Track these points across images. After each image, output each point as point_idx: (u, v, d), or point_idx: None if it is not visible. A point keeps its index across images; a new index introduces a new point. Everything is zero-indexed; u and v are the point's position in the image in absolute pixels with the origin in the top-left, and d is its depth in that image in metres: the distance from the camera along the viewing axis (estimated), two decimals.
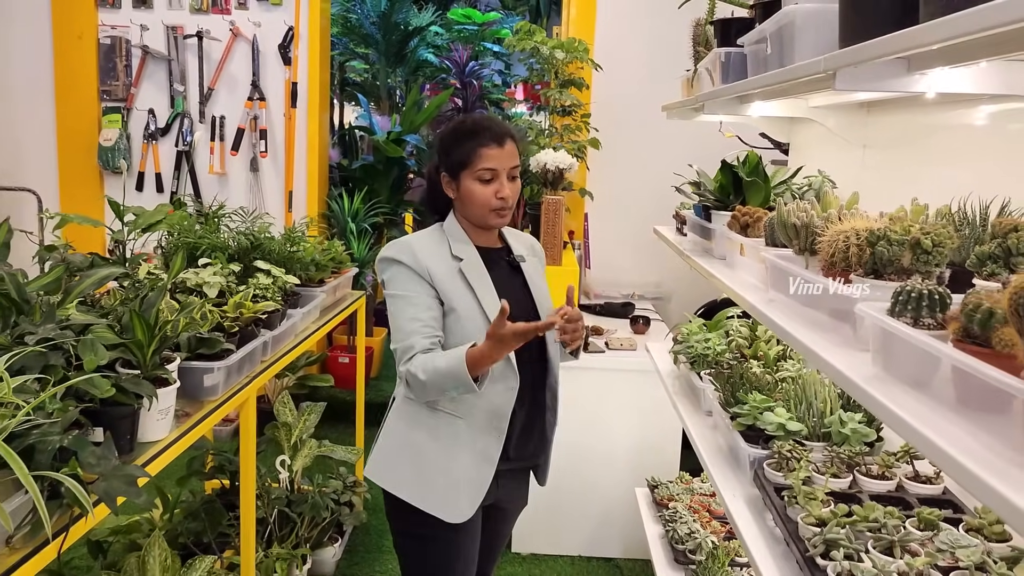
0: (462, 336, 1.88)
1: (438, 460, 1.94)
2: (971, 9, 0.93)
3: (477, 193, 1.91)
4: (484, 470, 1.94)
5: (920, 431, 0.91)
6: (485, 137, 1.89)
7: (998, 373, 0.79)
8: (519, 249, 2.08)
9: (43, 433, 1.32)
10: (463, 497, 1.92)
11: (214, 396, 2.09)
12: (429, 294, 1.90)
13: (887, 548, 1.35)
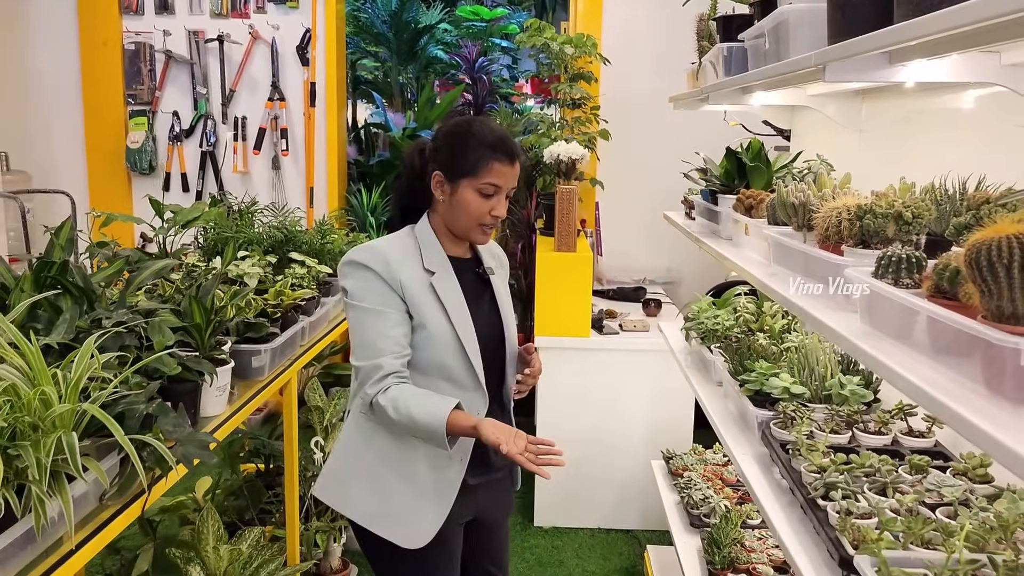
0: (430, 353, 1.80)
1: (395, 482, 1.84)
2: (944, 10, 1.08)
3: (473, 205, 1.80)
4: (446, 494, 1.85)
5: (899, 371, 1.07)
6: (501, 151, 1.79)
7: (962, 319, 0.95)
8: (489, 260, 1.99)
9: (130, 402, 1.50)
10: (422, 520, 1.83)
11: (261, 376, 2.26)
12: (399, 308, 1.79)
13: (880, 489, 1.51)
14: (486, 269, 1.96)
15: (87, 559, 1.38)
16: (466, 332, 1.83)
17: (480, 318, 1.89)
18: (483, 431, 1.65)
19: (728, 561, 2.42)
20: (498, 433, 1.63)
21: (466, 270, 1.93)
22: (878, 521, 1.36)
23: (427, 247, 1.86)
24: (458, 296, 1.86)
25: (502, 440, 1.61)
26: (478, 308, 1.90)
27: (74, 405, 1.38)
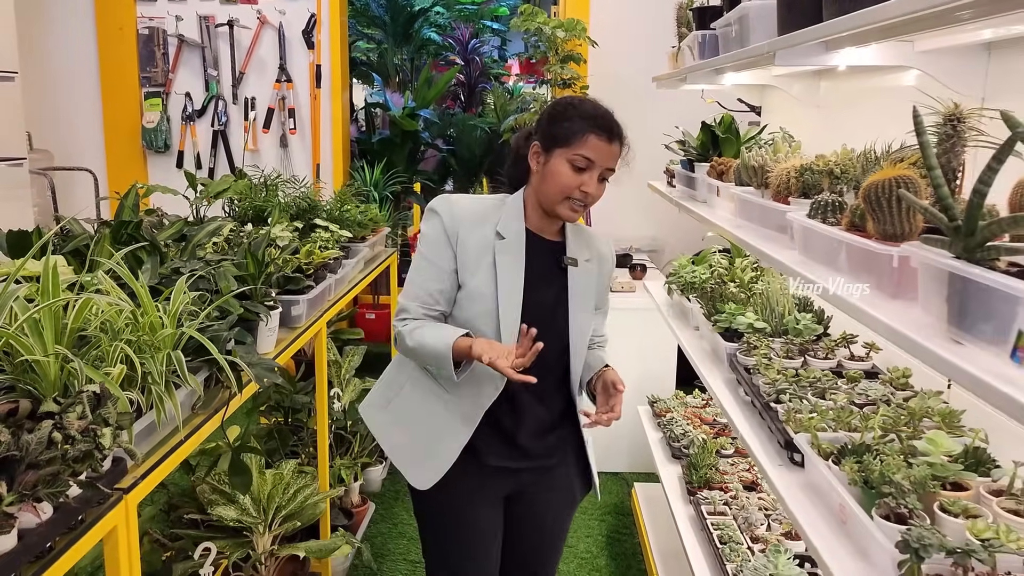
0: (467, 313, 1.82)
1: (411, 420, 1.92)
2: (863, 9, 1.43)
3: (564, 176, 1.74)
4: (446, 450, 1.86)
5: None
6: (599, 124, 1.75)
7: (858, 239, 1.32)
8: (578, 251, 1.91)
9: (215, 331, 1.84)
10: (424, 465, 1.88)
11: (299, 324, 2.60)
12: (447, 265, 1.81)
13: (820, 394, 1.88)
14: (568, 259, 1.88)
15: (191, 450, 1.73)
16: (508, 308, 1.78)
17: (537, 303, 1.82)
18: (475, 348, 1.68)
19: (704, 480, 2.80)
20: (486, 349, 1.66)
21: (545, 252, 1.88)
22: (815, 413, 1.73)
23: (509, 213, 1.84)
24: (517, 269, 1.81)
25: (486, 352, 1.63)
26: (540, 293, 1.84)
27: (175, 330, 1.72)
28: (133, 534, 1.53)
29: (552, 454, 1.96)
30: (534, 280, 1.83)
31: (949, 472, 1.41)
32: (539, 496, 1.99)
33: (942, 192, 1.04)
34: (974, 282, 0.97)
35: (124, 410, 1.46)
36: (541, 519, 2.03)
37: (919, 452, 1.47)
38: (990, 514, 1.35)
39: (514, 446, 1.90)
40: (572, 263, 1.89)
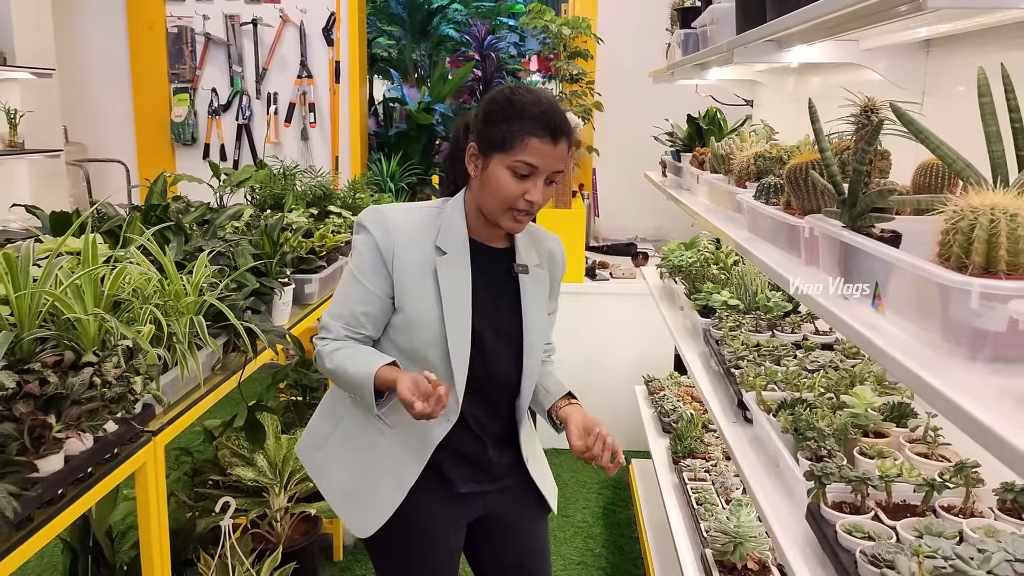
0: (410, 340, 1.66)
1: (350, 456, 1.77)
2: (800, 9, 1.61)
3: (504, 184, 1.56)
4: (390, 494, 1.70)
5: (758, 256, 1.63)
6: (539, 125, 1.54)
7: (781, 214, 1.51)
8: (527, 256, 1.74)
9: (232, 300, 2.07)
10: (366, 508, 1.73)
11: (311, 301, 2.83)
12: (380, 290, 1.64)
13: (776, 361, 2.08)
14: (518, 266, 1.72)
15: (212, 403, 1.96)
16: (457, 328, 1.63)
17: (490, 317, 1.68)
18: (400, 389, 1.49)
19: (688, 451, 2.99)
20: (409, 393, 1.48)
21: (493, 261, 1.71)
22: (764, 375, 1.93)
23: (448, 224, 1.67)
24: (462, 285, 1.64)
25: (409, 399, 1.47)
26: (492, 306, 1.70)
27: (197, 298, 1.95)
28: (161, 472, 1.76)
29: (510, 473, 1.82)
30: (483, 295, 1.67)
31: (869, 421, 1.60)
32: (507, 517, 1.84)
33: (831, 171, 1.24)
34: (851, 246, 1.17)
35: (152, 363, 1.69)
36: (516, 536, 1.88)
37: (847, 405, 1.67)
38: (902, 457, 1.54)
39: (480, 468, 1.77)
40: (523, 270, 1.72)
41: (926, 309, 0.98)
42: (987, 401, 0.83)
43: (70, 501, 1.45)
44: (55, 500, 1.42)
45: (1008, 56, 1.61)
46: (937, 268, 0.92)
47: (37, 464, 1.36)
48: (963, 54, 1.82)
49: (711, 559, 2.25)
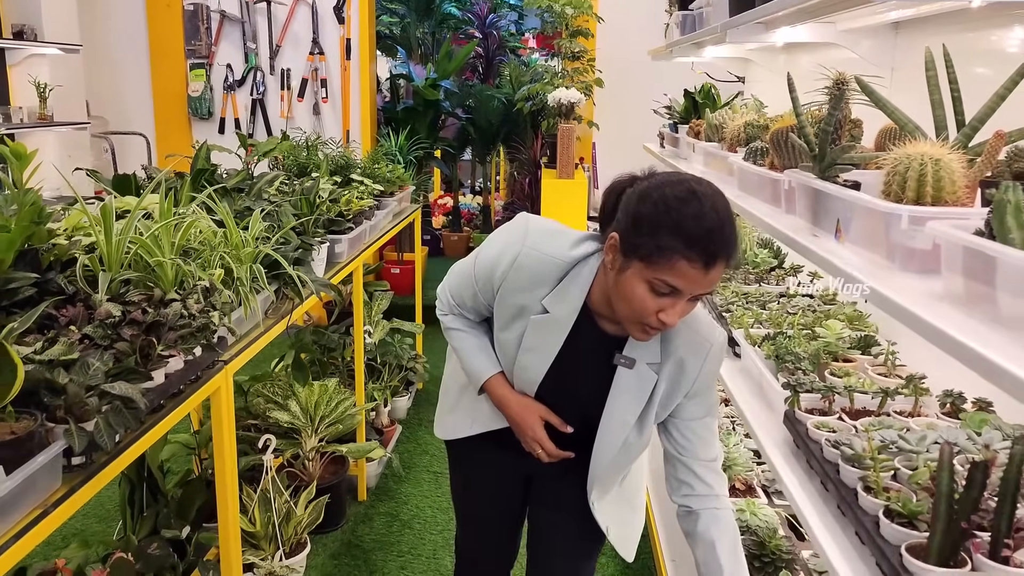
0: (496, 348, 1.69)
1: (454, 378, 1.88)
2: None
3: (638, 297, 1.35)
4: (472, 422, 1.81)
5: (747, 208, 1.91)
6: (697, 250, 1.29)
7: (762, 170, 1.79)
8: (643, 351, 1.53)
9: (284, 252, 2.34)
10: (457, 417, 1.85)
11: (341, 260, 3.10)
12: (487, 298, 1.63)
13: (763, 306, 2.36)
14: (623, 358, 1.54)
15: (268, 341, 2.24)
16: (523, 383, 1.63)
17: (567, 393, 1.62)
18: (510, 411, 1.65)
19: None
20: (519, 428, 1.65)
21: (595, 341, 1.55)
22: (753, 317, 2.22)
23: (567, 289, 1.51)
24: (546, 351, 1.55)
25: (520, 436, 1.66)
26: (572, 387, 1.60)
27: (254, 249, 2.22)
28: (230, 396, 2.04)
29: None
30: (568, 369, 1.57)
31: (838, 348, 1.89)
32: (559, 479, 1.77)
33: (805, 132, 1.51)
34: (820, 191, 1.45)
35: (226, 301, 1.97)
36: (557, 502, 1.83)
37: (820, 336, 1.96)
38: (865, 377, 1.83)
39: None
40: (626, 363, 1.53)
41: (874, 237, 1.26)
42: (915, 299, 1.12)
43: (169, 410, 1.72)
44: (159, 408, 1.69)
45: (965, 36, 1.89)
46: (880, 201, 1.20)
47: (151, 376, 1.63)
48: (926, 34, 2.09)
49: None
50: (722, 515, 1.57)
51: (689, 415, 1.58)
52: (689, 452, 1.60)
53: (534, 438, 1.62)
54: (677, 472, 1.62)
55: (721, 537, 1.53)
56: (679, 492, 1.61)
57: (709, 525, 1.54)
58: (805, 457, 1.60)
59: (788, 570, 1.92)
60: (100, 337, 1.64)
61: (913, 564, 1.12)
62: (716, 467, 1.61)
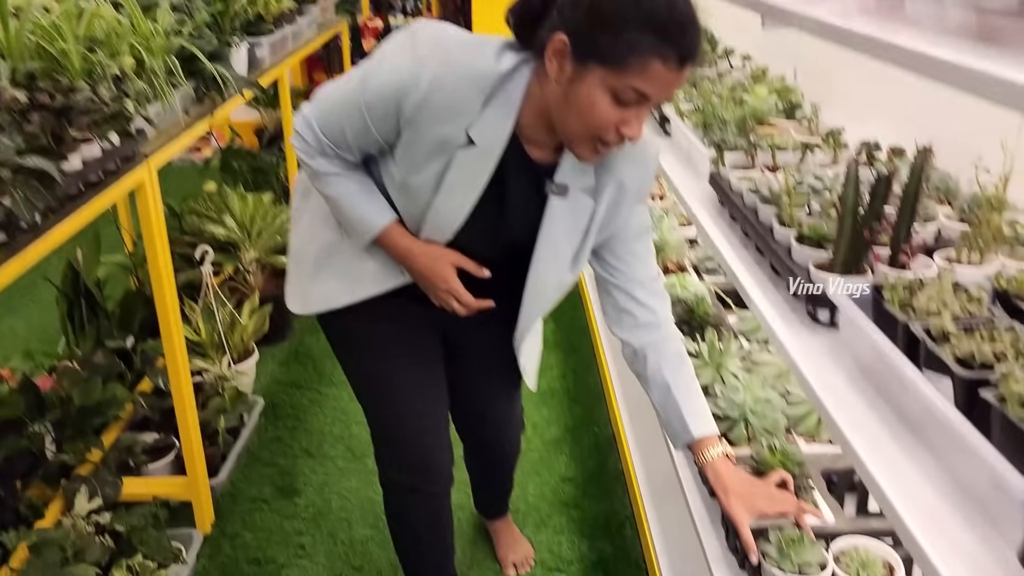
0: (394, 193, 1.41)
1: (319, 240, 1.56)
2: None
3: (598, 109, 1.16)
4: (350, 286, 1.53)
5: None
6: (672, 45, 1.10)
7: None
8: (575, 176, 1.35)
9: (201, 45, 2.23)
10: (323, 283, 1.56)
11: (263, 67, 2.98)
12: (383, 132, 1.32)
13: (693, 84, 2.36)
14: (554, 185, 1.35)
15: (192, 138, 2.18)
16: (437, 230, 1.40)
17: (484, 240, 1.42)
18: (414, 266, 1.43)
19: None
20: (428, 281, 1.44)
21: (525, 172, 1.35)
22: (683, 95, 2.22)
23: (495, 113, 1.27)
24: (470, 189, 1.33)
25: (429, 291, 1.46)
26: (494, 227, 1.41)
27: (166, 39, 2.11)
28: (156, 193, 2.00)
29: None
30: (491, 206, 1.37)
31: (763, 114, 1.91)
32: (481, 326, 1.58)
33: None
34: None
35: (139, 90, 1.89)
36: (480, 347, 1.71)
37: (746, 103, 1.97)
38: (789, 137, 1.87)
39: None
40: (558, 192, 1.35)
41: None
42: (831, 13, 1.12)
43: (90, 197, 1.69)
44: (78, 195, 1.66)
45: None
46: None
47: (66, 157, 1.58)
48: None
49: None
50: (671, 349, 1.49)
51: (624, 235, 1.45)
52: (627, 276, 1.48)
53: (448, 290, 1.44)
54: (617, 301, 1.49)
55: (675, 378, 1.46)
56: (621, 324, 1.50)
57: (660, 365, 1.46)
58: (729, 212, 1.65)
59: (714, 329, 2.02)
60: (8, 123, 1.57)
61: (819, 275, 1.19)
62: (657, 287, 1.51)
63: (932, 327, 0.95)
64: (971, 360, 0.89)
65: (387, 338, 1.61)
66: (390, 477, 1.74)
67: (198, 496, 2.26)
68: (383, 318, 1.57)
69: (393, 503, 1.78)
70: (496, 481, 2.14)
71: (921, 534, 0.81)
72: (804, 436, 1.72)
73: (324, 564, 2.20)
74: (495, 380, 1.79)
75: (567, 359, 3.15)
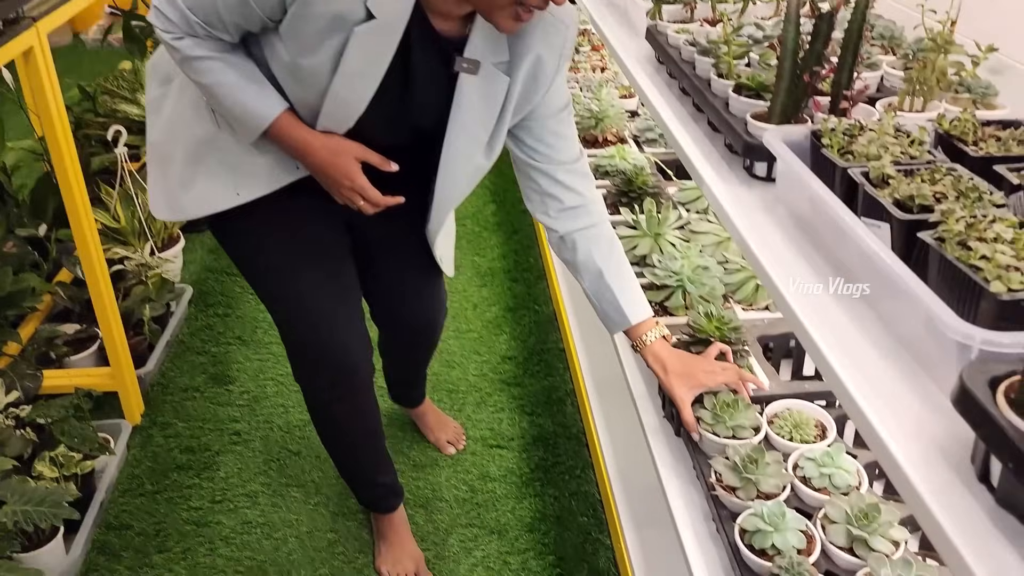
0: (283, 78, 1.25)
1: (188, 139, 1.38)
2: None
3: None
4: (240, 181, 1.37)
5: None
6: None
7: None
8: (488, 49, 1.23)
9: None
10: (199, 185, 1.39)
11: None
12: (266, 9, 1.15)
13: None
14: (463, 61, 1.23)
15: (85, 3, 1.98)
16: (335, 119, 1.25)
17: (389, 127, 1.30)
18: (313, 161, 1.28)
19: None
20: (330, 179, 1.30)
21: (430, 50, 1.23)
22: None
23: None
24: (371, 70, 1.20)
25: (332, 189, 1.33)
26: (399, 112, 1.29)
27: None
28: (49, 60, 1.82)
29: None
30: (395, 89, 1.24)
31: None
32: (388, 220, 1.42)
33: None
34: None
35: None
36: (391, 240, 1.60)
37: None
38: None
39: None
40: (469, 68, 1.24)
41: None
42: None
43: None
44: None
45: None
46: None
47: None
48: None
49: None
50: (600, 233, 1.41)
51: (544, 113, 1.35)
52: (549, 158, 1.37)
53: (352, 188, 1.30)
54: (539, 186, 1.40)
55: (607, 263, 1.39)
56: (546, 210, 1.41)
57: (590, 251, 1.39)
58: (667, 69, 1.56)
59: (653, 199, 1.96)
60: None
61: (757, 126, 1.11)
62: (581, 167, 1.41)
63: (872, 171, 0.89)
64: (910, 203, 0.84)
65: (285, 239, 1.46)
66: (311, 384, 1.64)
67: (124, 386, 2.18)
68: (278, 216, 1.42)
69: (317, 408, 1.68)
70: (420, 365, 2.05)
71: (856, 390, 0.78)
72: (742, 304, 1.70)
73: (260, 450, 2.16)
74: (411, 271, 1.68)
75: (508, 240, 3.09)
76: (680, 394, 1.36)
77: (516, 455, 2.14)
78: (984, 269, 0.71)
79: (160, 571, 1.83)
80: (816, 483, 1.27)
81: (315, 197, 1.37)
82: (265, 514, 1.97)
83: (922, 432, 0.72)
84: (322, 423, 1.72)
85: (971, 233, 0.75)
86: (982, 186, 0.84)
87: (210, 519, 1.95)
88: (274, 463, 2.12)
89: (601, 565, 1.84)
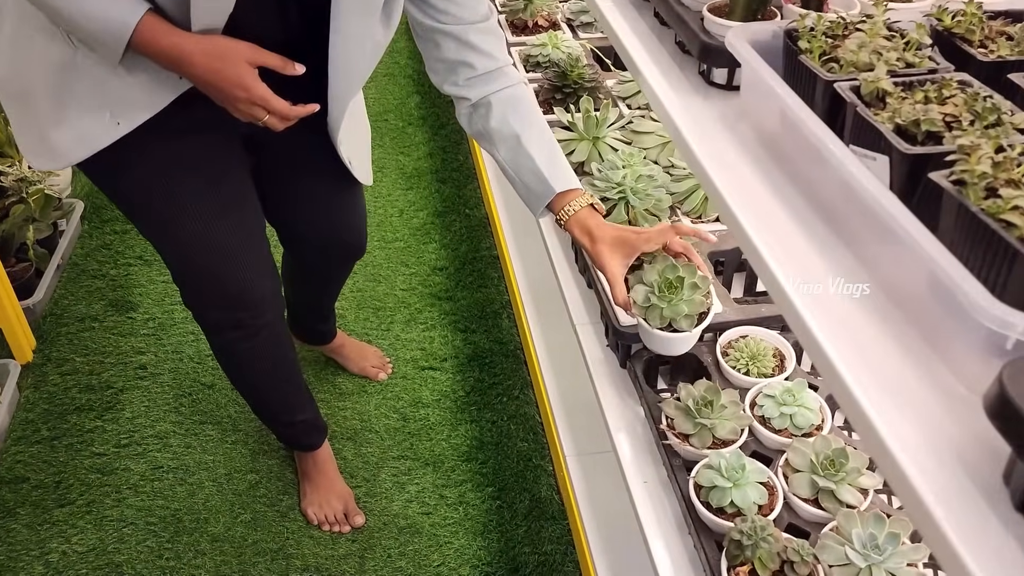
0: None
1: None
2: None
3: None
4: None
5: None
6: None
7: None
8: None
9: None
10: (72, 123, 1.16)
11: None
12: None
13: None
14: None
15: None
16: (208, 11, 1.03)
17: (269, 16, 1.12)
18: (195, 72, 1.06)
19: None
20: (222, 91, 1.07)
21: None
22: None
23: None
24: None
25: (226, 104, 1.10)
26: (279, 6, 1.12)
27: None
28: None
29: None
30: None
31: None
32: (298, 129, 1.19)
33: None
34: None
35: None
36: (291, 145, 1.33)
37: None
38: None
39: None
40: None
41: None
42: None
43: None
44: None
45: None
46: None
47: None
48: None
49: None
50: (517, 94, 1.23)
51: None
52: (458, 17, 1.19)
53: (251, 99, 1.07)
54: (446, 53, 1.21)
55: (524, 127, 1.20)
56: (456, 79, 1.22)
57: (505, 115, 1.20)
58: None
59: (590, 96, 1.76)
60: None
61: (715, 21, 0.91)
62: (492, 26, 1.23)
63: (864, 86, 0.71)
64: (914, 129, 0.67)
65: (170, 160, 1.24)
66: (209, 317, 1.44)
67: (8, 320, 1.95)
68: (158, 138, 1.19)
69: (220, 345, 1.49)
70: (334, 293, 1.83)
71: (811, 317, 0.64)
72: (690, 215, 1.54)
73: (170, 384, 1.97)
74: (323, 180, 1.46)
75: (434, 136, 2.84)
76: (611, 266, 1.14)
77: (450, 377, 2.00)
78: (1020, 225, 0.55)
79: (62, 527, 1.67)
80: (776, 424, 1.16)
81: (201, 108, 1.13)
82: (178, 457, 1.81)
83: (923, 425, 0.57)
84: (229, 366, 1.54)
85: (999, 174, 0.58)
86: (1003, 105, 0.67)
87: (116, 466, 1.78)
88: (185, 399, 1.94)
89: (543, 494, 1.74)
